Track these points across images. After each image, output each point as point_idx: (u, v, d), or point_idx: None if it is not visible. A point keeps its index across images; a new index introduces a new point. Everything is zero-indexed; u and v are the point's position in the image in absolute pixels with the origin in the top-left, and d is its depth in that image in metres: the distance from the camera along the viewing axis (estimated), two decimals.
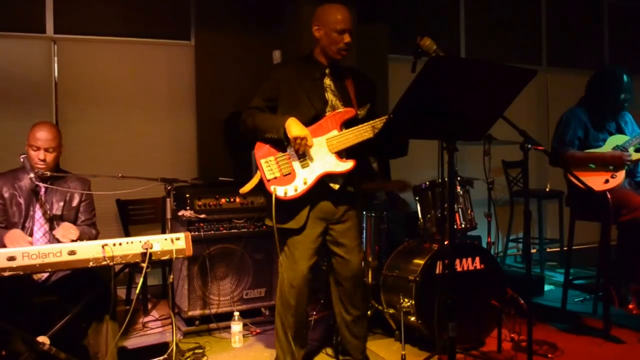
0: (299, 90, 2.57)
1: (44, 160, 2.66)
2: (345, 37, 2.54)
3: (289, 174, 2.51)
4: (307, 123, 2.53)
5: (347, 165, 2.53)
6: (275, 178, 2.51)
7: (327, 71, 2.63)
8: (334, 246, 2.65)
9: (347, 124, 2.56)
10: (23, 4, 4.00)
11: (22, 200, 2.68)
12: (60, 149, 2.76)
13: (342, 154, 2.54)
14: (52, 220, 2.72)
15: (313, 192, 2.51)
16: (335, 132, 2.54)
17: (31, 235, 2.66)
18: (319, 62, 2.64)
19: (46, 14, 4.05)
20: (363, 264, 2.73)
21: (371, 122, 2.50)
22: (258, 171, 2.54)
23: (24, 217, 2.67)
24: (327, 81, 2.63)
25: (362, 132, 2.50)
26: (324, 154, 2.52)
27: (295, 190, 2.49)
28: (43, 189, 2.72)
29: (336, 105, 2.61)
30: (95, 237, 2.85)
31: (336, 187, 2.57)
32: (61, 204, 2.76)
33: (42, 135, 2.65)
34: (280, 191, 2.48)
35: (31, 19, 4.02)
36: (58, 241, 2.53)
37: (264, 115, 2.57)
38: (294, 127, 2.44)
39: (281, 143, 2.50)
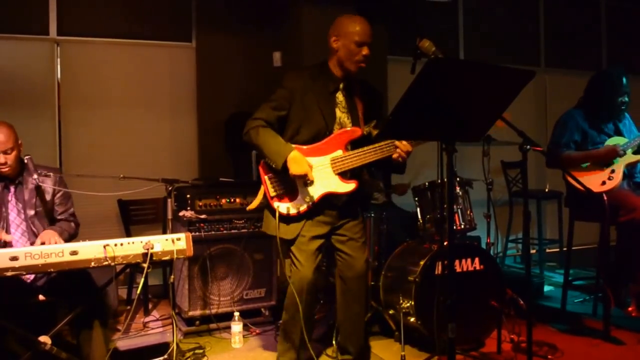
0: (312, 104, 2.55)
1: (5, 164, 2.55)
2: (364, 49, 2.50)
3: (292, 192, 2.54)
4: (315, 138, 2.55)
5: (350, 186, 2.55)
6: (278, 195, 2.53)
7: (340, 86, 2.61)
8: (339, 244, 2.66)
9: (353, 142, 2.57)
10: (26, 6, 4.02)
11: None
12: (20, 146, 2.64)
13: (346, 175, 2.55)
14: (29, 220, 2.64)
15: (314, 208, 2.54)
16: (340, 153, 2.55)
17: None
18: (334, 74, 2.60)
19: (49, 16, 4.06)
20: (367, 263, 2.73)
21: (377, 144, 2.50)
22: (262, 186, 2.57)
23: None
24: (340, 97, 2.62)
25: (367, 156, 2.51)
26: (328, 174, 2.54)
27: (298, 208, 2.52)
28: (12, 189, 2.64)
29: (344, 124, 2.61)
30: (75, 230, 2.80)
31: (338, 204, 2.61)
32: (33, 201, 2.66)
33: None
34: (283, 208, 2.52)
35: (34, 21, 4.03)
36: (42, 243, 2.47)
37: (268, 135, 2.51)
38: (294, 165, 2.43)
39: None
